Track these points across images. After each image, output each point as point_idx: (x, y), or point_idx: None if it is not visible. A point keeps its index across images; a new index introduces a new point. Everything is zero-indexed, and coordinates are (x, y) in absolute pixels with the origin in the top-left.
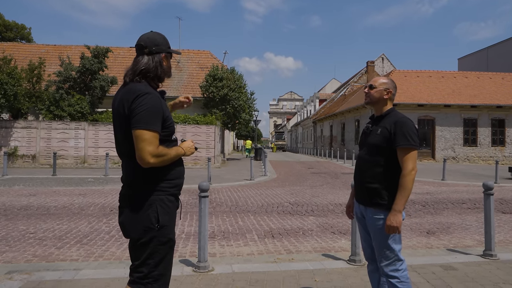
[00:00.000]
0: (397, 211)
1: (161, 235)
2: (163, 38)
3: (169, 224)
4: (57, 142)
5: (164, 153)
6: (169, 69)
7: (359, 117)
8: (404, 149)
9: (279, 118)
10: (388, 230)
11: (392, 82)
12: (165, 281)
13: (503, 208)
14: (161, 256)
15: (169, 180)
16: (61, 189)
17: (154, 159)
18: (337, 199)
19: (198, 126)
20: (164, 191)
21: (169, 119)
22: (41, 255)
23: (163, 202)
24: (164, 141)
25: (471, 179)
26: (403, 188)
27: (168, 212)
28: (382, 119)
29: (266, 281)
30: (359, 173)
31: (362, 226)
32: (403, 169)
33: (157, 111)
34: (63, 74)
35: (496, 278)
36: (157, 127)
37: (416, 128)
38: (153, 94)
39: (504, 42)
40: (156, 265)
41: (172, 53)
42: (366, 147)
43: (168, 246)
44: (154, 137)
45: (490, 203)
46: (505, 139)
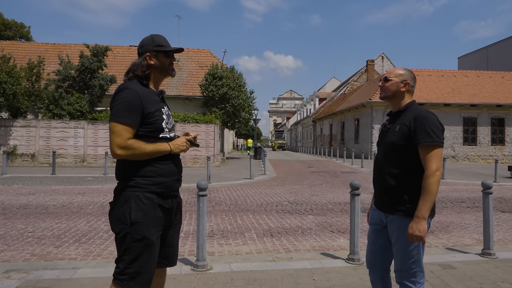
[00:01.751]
0: (421, 218)
1: (134, 232)
2: (149, 39)
3: (143, 221)
4: (56, 141)
5: (135, 147)
6: (162, 66)
7: (359, 116)
8: (426, 147)
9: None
10: (412, 239)
11: (410, 73)
12: (142, 280)
13: (502, 207)
14: (135, 253)
15: (148, 177)
16: (60, 188)
17: (121, 151)
18: (336, 198)
19: (197, 125)
20: (141, 187)
21: (153, 115)
22: (39, 254)
23: (138, 199)
24: (148, 137)
25: (471, 178)
26: (427, 192)
27: (143, 209)
28: (400, 114)
29: (264, 280)
30: (377, 176)
31: (374, 233)
32: (426, 169)
33: (130, 104)
34: (62, 73)
35: (495, 277)
36: (128, 120)
37: (440, 123)
38: (131, 89)
39: (504, 41)
40: (131, 262)
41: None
42: (383, 146)
43: (143, 244)
44: (123, 130)
45: (489, 202)
46: (505, 138)
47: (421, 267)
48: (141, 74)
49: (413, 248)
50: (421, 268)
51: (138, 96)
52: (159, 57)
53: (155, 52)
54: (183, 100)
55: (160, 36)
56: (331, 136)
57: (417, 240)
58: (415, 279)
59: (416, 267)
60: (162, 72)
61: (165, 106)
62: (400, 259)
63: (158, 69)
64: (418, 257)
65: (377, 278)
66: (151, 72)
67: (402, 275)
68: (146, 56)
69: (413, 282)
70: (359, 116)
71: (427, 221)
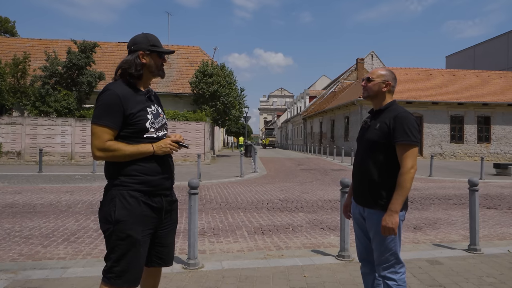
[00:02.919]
0: (393, 211)
1: (118, 230)
2: (143, 37)
3: (128, 220)
4: (43, 138)
5: (114, 148)
6: (154, 66)
7: (349, 114)
8: (403, 146)
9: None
10: (384, 231)
11: (391, 74)
12: (129, 279)
13: (487, 204)
14: (121, 252)
15: (132, 176)
16: (48, 187)
17: (100, 153)
18: (326, 196)
19: (187, 123)
20: (126, 186)
21: (135, 116)
22: (27, 253)
23: (123, 197)
24: (131, 138)
25: (457, 175)
26: (401, 187)
27: (127, 207)
28: (381, 113)
29: (256, 278)
30: (357, 171)
31: (359, 227)
32: (402, 167)
33: (109, 106)
34: (49, 69)
35: (480, 272)
36: (106, 122)
37: (417, 123)
38: (112, 90)
39: (490, 41)
40: (117, 260)
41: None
42: (364, 143)
43: (128, 242)
44: (101, 132)
45: (475, 199)
46: (491, 136)
47: (399, 259)
48: (135, 72)
49: (390, 241)
50: (399, 260)
51: (118, 98)
52: (152, 57)
53: (149, 51)
54: (173, 98)
55: (154, 36)
56: (321, 134)
57: (389, 233)
58: (395, 270)
59: (394, 258)
60: (152, 72)
61: (153, 105)
62: (378, 253)
63: (149, 68)
64: (395, 248)
65: (369, 270)
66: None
67: (383, 268)
68: (140, 54)
69: (393, 272)
70: (349, 114)
71: (400, 214)
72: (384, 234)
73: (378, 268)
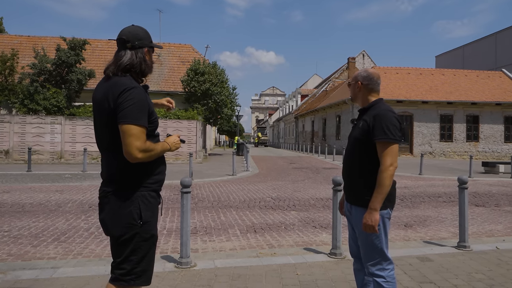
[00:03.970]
0: (373, 209)
1: (144, 232)
2: (145, 32)
3: (152, 220)
4: (32, 137)
5: (151, 148)
6: (151, 64)
7: (340, 113)
8: (382, 143)
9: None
10: (365, 228)
11: (364, 73)
12: (147, 277)
13: (476, 201)
14: (143, 252)
15: (152, 176)
16: (37, 186)
17: (141, 154)
18: (318, 194)
19: (179, 121)
20: (147, 187)
21: (154, 114)
22: (16, 253)
23: (145, 198)
24: (149, 136)
25: (447, 173)
26: (380, 185)
27: (151, 208)
28: (366, 111)
29: (248, 276)
30: (345, 168)
31: (350, 224)
32: (381, 164)
33: (144, 105)
34: (37, 66)
35: (469, 268)
36: (144, 121)
37: (398, 121)
38: (139, 88)
39: (479, 41)
40: (139, 261)
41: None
42: (350, 141)
43: (151, 242)
44: (141, 132)
45: (464, 197)
46: (479, 134)
47: (385, 256)
48: (147, 71)
49: (375, 238)
50: (386, 257)
51: (146, 96)
52: (151, 54)
53: (151, 48)
54: (164, 96)
55: (146, 30)
56: (313, 133)
57: (369, 230)
58: (382, 266)
59: (379, 255)
60: (149, 69)
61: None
62: (364, 250)
63: (148, 66)
64: (381, 245)
65: (360, 267)
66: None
67: (370, 265)
68: (147, 51)
69: (381, 269)
70: (340, 113)
71: (385, 212)
72: (365, 231)
73: (365, 266)
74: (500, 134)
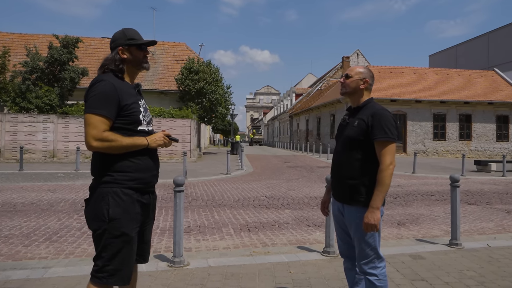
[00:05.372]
0: (375, 208)
1: (112, 228)
2: (120, 33)
3: (122, 217)
4: (24, 135)
5: (111, 139)
6: (135, 60)
7: (335, 112)
8: (382, 143)
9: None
10: (366, 228)
11: (369, 72)
12: (121, 277)
13: (468, 200)
14: (114, 250)
15: (125, 173)
16: (29, 185)
17: (97, 143)
18: (312, 193)
19: (173, 120)
20: (120, 183)
21: (129, 108)
22: (7, 253)
23: (116, 195)
24: (126, 130)
25: (440, 172)
26: (381, 184)
27: (121, 205)
28: (359, 110)
29: (241, 274)
30: (336, 168)
31: (338, 223)
32: (381, 163)
33: (107, 96)
34: (29, 64)
35: (461, 266)
36: (104, 111)
37: (394, 120)
38: (107, 81)
39: (472, 41)
40: (110, 259)
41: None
42: (342, 140)
43: (122, 240)
44: (99, 121)
45: (456, 195)
46: (472, 133)
47: (378, 253)
48: (115, 68)
49: (370, 236)
50: (379, 254)
51: (114, 88)
52: (131, 51)
53: (127, 46)
54: (158, 94)
55: (132, 30)
56: (308, 131)
57: (371, 229)
58: (375, 265)
59: (374, 253)
60: (135, 65)
61: (142, 100)
62: (359, 248)
63: (131, 63)
64: (374, 244)
65: (350, 266)
66: (125, 66)
67: (363, 264)
68: (119, 50)
69: (373, 268)
70: (334, 112)
71: (381, 209)
72: (366, 231)
73: (359, 264)
74: (492, 133)
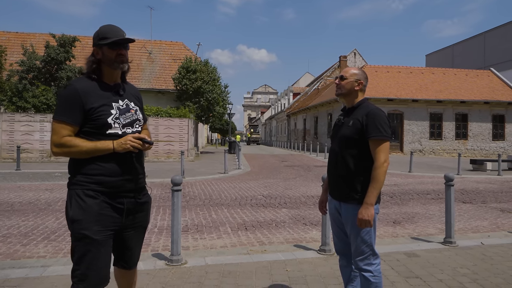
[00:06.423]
0: (369, 204)
1: (74, 230)
2: (96, 33)
3: (83, 219)
4: (21, 135)
5: (71, 145)
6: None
7: (332, 111)
8: (376, 141)
9: (253, 111)
10: (360, 224)
11: (363, 73)
12: (90, 283)
13: (463, 198)
14: (79, 253)
15: (90, 175)
16: (26, 184)
17: (56, 149)
18: (309, 192)
19: (171, 119)
20: (81, 185)
21: (96, 111)
22: (5, 252)
23: (78, 197)
24: (94, 134)
25: (436, 171)
26: (375, 181)
27: (82, 207)
28: (354, 110)
29: (239, 273)
30: (332, 167)
31: (335, 221)
32: (375, 161)
33: (67, 101)
34: (26, 63)
35: (455, 264)
36: (64, 117)
37: (388, 120)
38: (71, 86)
39: (468, 40)
40: (77, 262)
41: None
42: (338, 139)
43: (84, 243)
44: (59, 127)
45: (450, 194)
46: (468, 133)
47: (374, 250)
48: (89, 69)
49: (366, 233)
50: (374, 251)
51: (76, 92)
52: (103, 50)
53: (100, 46)
54: (156, 94)
55: (107, 27)
56: (305, 131)
57: (365, 225)
58: (370, 261)
59: (369, 250)
60: (109, 65)
61: (122, 100)
62: (355, 245)
63: (105, 62)
64: (370, 241)
65: (346, 263)
66: (102, 66)
67: (359, 260)
68: (94, 50)
69: (368, 264)
70: (332, 111)
71: (375, 207)
72: (360, 227)
73: (354, 261)
74: (488, 132)
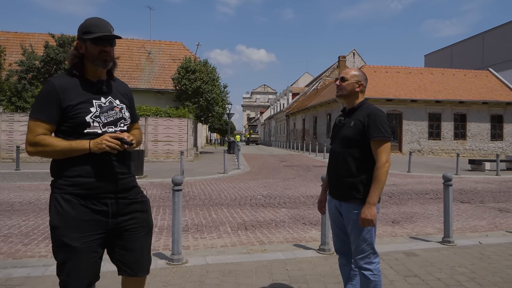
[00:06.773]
0: (371, 203)
1: (54, 237)
2: (80, 26)
3: (60, 225)
4: (20, 135)
5: (44, 144)
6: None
7: (331, 111)
8: (378, 141)
9: (252, 111)
10: (363, 223)
11: (363, 74)
12: None
13: (462, 198)
14: (60, 260)
15: (67, 178)
16: (26, 184)
17: (30, 148)
18: (308, 191)
19: (170, 119)
20: (60, 189)
21: (74, 108)
22: (7, 252)
23: (57, 201)
24: (71, 133)
25: (434, 171)
26: (377, 181)
27: (60, 213)
28: (354, 111)
29: (239, 272)
30: (334, 167)
31: (334, 221)
32: (377, 161)
33: (44, 99)
34: (25, 63)
35: (453, 263)
36: (39, 115)
37: (388, 120)
38: (49, 82)
39: (467, 40)
40: (58, 270)
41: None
42: (339, 140)
43: (64, 251)
44: (34, 125)
45: (449, 194)
46: (466, 133)
47: (374, 249)
48: (71, 64)
49: (366, 232)
50: (374, 250)
51: (54, 89)
52: (87, 45)
53: (83, 40)
54: (155, 94)
55: (93, 20)
56: (304, 131)
57: (368, 224)
58: (370, 260)
59: (370, 249)
60: (91, 62)
61: (105, 97)
62: (356, 244)
63: (88, 58)
64: (371, 240)
65: (345, 262)
66: (84, 61)
67: (359, 259)
68: (77, 44)
69: (368, 263)
70: (331, 111)
71: (377, 206)
72: (363, 226)
73: (354, 259)
74: (487, 132)
